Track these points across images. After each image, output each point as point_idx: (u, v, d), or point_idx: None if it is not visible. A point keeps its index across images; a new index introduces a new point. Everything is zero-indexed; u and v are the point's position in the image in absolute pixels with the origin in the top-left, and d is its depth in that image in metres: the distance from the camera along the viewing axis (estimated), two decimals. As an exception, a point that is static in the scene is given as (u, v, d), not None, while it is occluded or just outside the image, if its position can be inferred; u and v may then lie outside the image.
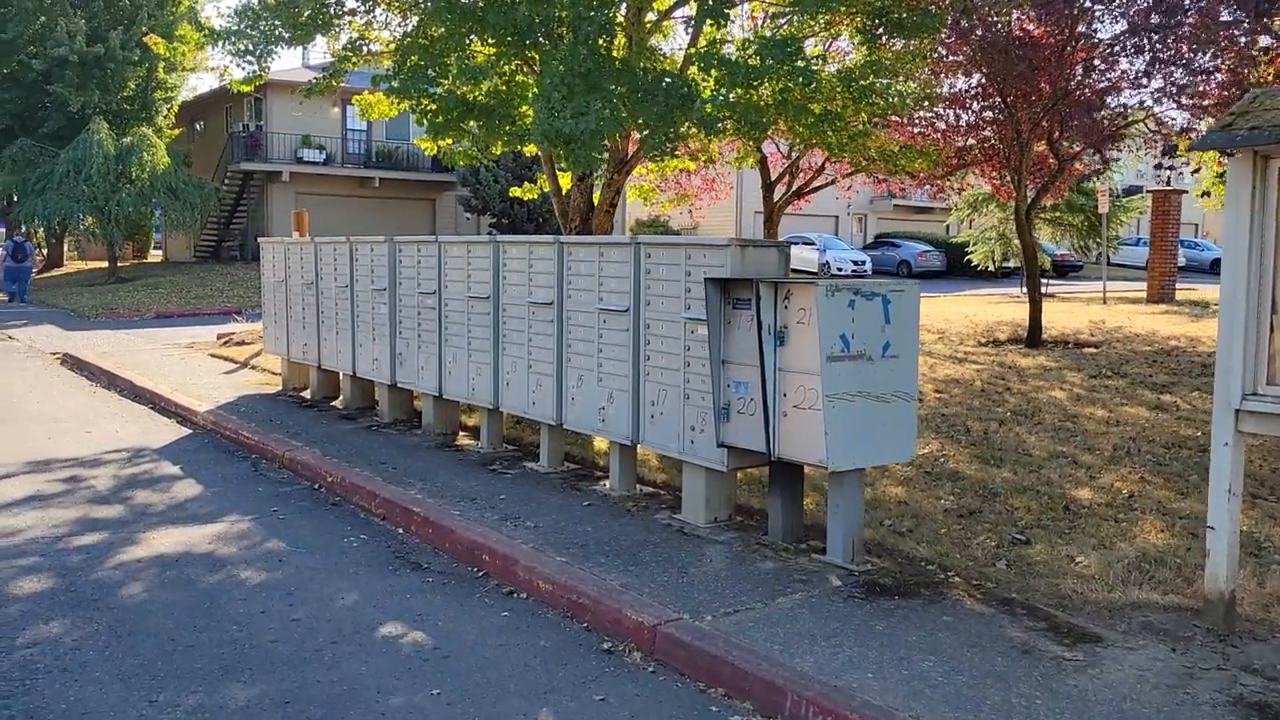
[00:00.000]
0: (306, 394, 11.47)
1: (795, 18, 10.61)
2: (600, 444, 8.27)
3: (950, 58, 13.46)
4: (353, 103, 13.78)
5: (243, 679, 4.44)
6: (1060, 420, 8.62)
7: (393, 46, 12.32)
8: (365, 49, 12.45)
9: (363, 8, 11.74)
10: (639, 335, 6.60)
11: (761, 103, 10.27)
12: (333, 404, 10.91)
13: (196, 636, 4.90)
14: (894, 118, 12.74)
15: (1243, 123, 4.32)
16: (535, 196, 16.06)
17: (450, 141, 13.32)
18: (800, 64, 9.63)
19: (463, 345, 8.49)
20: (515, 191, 16.22)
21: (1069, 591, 5.07)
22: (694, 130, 10.80)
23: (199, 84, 35.31)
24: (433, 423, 9.19)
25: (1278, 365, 4.40)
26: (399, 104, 12.89)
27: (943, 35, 11.64)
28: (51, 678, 4.41)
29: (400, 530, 6.71)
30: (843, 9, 10.47)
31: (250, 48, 11.22)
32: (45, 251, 35.45)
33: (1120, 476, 6.97)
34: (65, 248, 36.40)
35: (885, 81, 10.61)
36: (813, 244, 33.39)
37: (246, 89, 12.48)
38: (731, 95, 10.10)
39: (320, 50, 12.99)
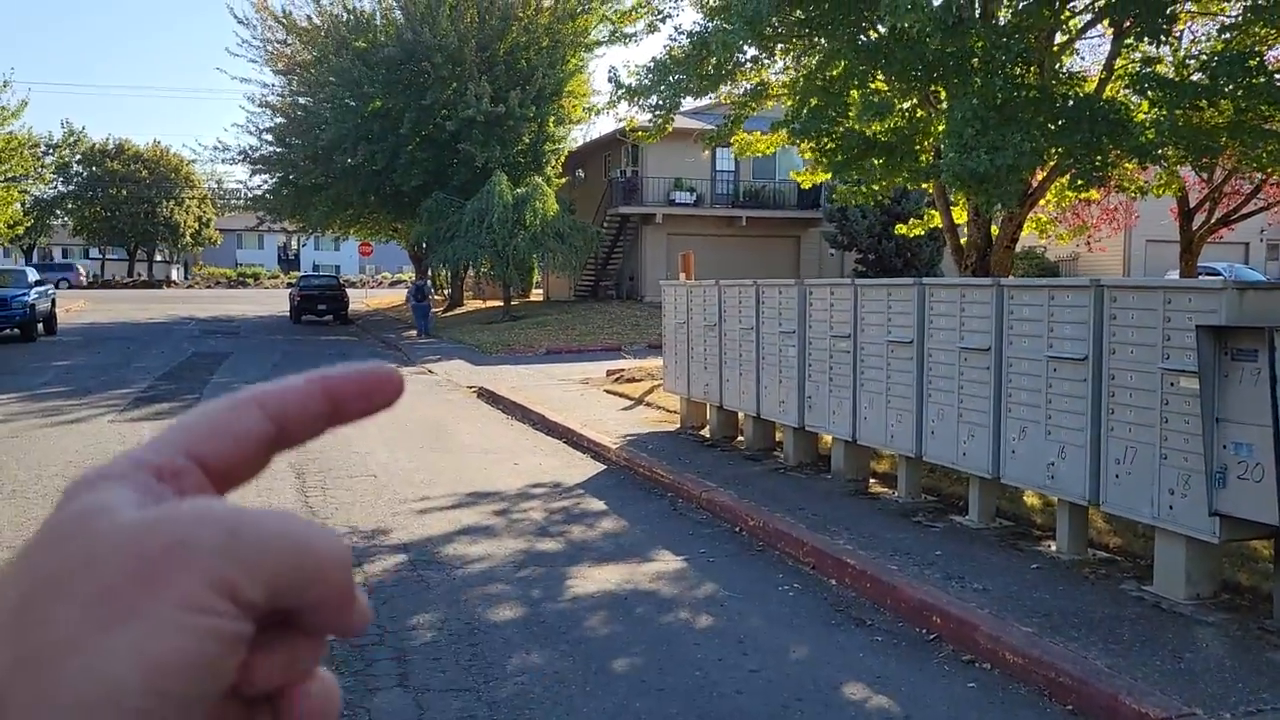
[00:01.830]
0: (705, 432, 11.74)
1: (1251, 28, 9.46)
2: (1033, 499, 7.71)
3: None
4: (730, 144, 14.05)
5: (720, 730, 4.45)
6: None
7: (788, 90, 12.47)
8: (763, 94, 12.69)
9: (764, 55, 11.95)
10: (1101, 386, 6.04)
11: (1208, 125, 9.25)
12: (733, 443, 11.07)
13: (663, 679, 4.99)
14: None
15: None
16: (922, 233, 15.58)
17: (824, 177, 13.27)
18: (1261, 80, 8.57)
19: (880, 391, 8.27)
20: (900, 229, 15.83)
21: None
22: (1122, 158, 9.94)
23: (579, 135, 38.04)
24: (843, 468, 9.02)
25: None
26: (777, 142, 13.03)
27: None
28: (545, 709, 4.64)
29: (832, 582, 6.56)
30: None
31: (659, 101, 11.76)
32: (448, 292, 39.52)
33: None
34: (464, 288, 40.37)
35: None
36: (1218, 274, 29.98)
37: (652, 141, 13.10)
38: (1171, 119, 9.20)
39: (706, 98, 13.34)
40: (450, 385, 17.89)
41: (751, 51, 11.85)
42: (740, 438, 11.10)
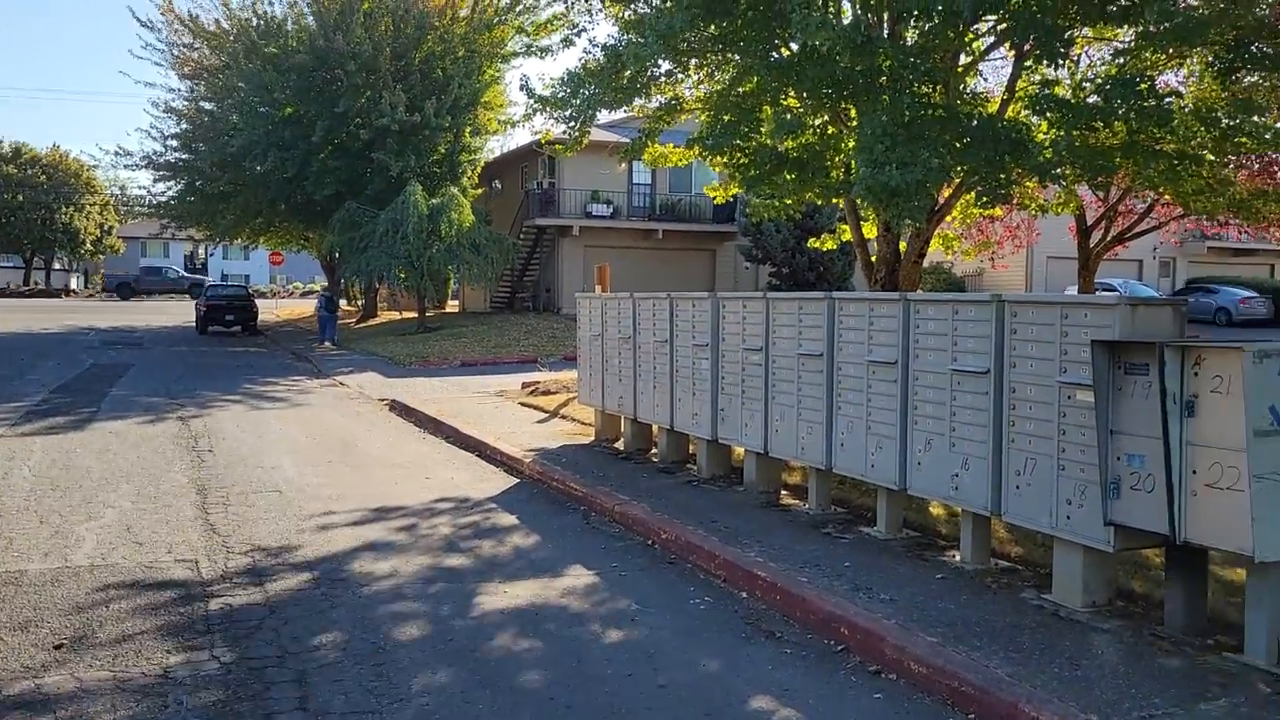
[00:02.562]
0: (619, 445, 11.71)
1: (1142, 53, 9.81)
2: (938, 509, 7.85)
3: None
4: (644, 157, 13.99)
5: (628, 748, 4.41)
6: None
7: (702, 105, 12.55)
8: (677, 108, 12.74)
9: (678, 70, 12.01)
10: (1001, 399, 6.18)
11: (1103, 145, 9.57)
12: (647, 456, 11.06)
13: (573, 697, 4.93)
14: (1232, 158, 11.55)
15: None
16: (834, 247, 15.81)
17: (735, 191, 13.39)
18: (1151, 103, 8.89)
19: (791, 403, 8.34)
20: (813, 243, 16.05)
21: None
22: (1024, 177, 10.22)
23: (495, 146, 37.81)
24: (755, 480, 9.08)
25: None
26: (691, 156, 13.07)
27: None
28: (450, 730, 4.55)
29: (743, 594, 6.58)
30: (1195, 42, 9.60)
31: (573, 114, 11.72)
32: (361, 303, 38.90)
33: None
34: (377, 299, 39.74)
35: (1256, 119, 9.63)
36: (1114, 290, 31.09)
37: (569, 154, 13.06)
38: (1068, 139, 9.48)
39: (620, 110, 13.32)
40: (362, 398, 17.57)
41: (665, 65, 11.89)
42: (654, 450, 11.10)
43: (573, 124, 11.85)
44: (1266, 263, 38.64)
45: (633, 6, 11.75)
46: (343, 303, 42.58)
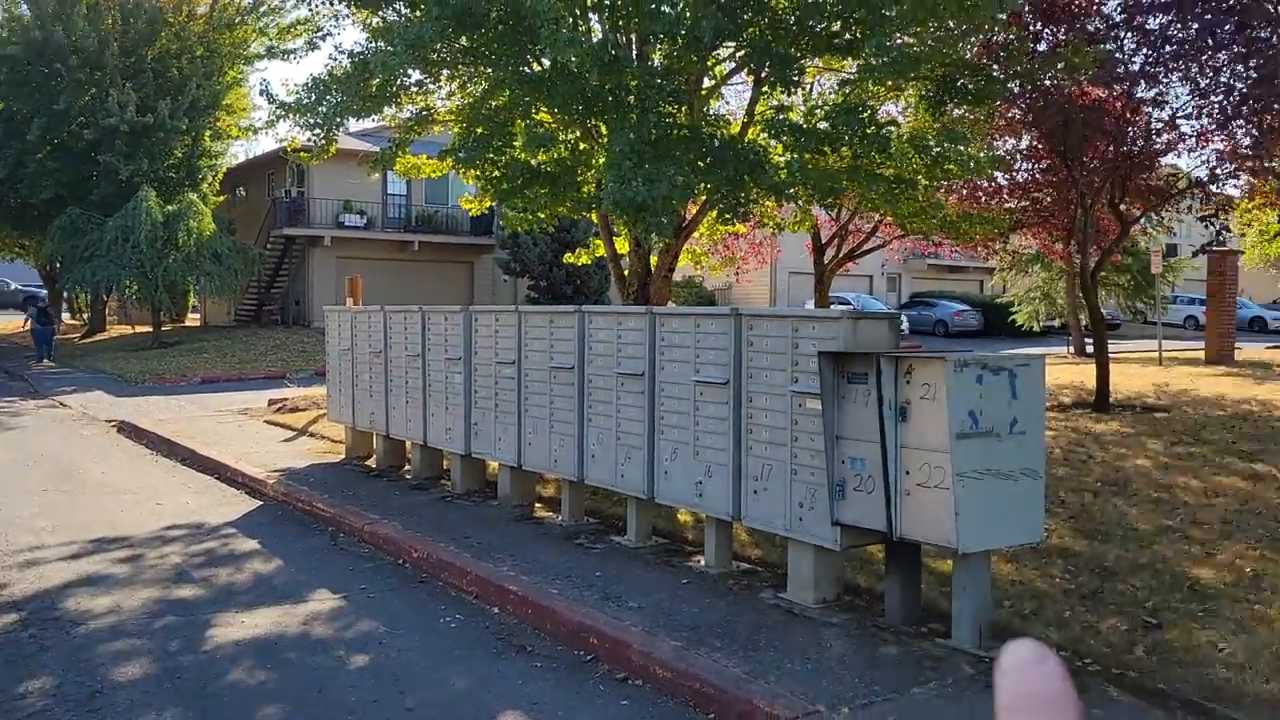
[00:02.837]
0: (371, 463, 11.38)
1: (865, 84, 10.59)
2: (685, 516, 8.11)
3: (998, 120, 13.41)
4: (395, 167, 13.70)
5: (371, 776, 4.28)
6: (1155, 491, 8.39)
7: (455, 117, 12.44)
8: (429, 118, 12.57)
9: (429, 80, 11.85)
10: (740, 408, 6.47)
11: (832, 168, 10.24)
12: (400, 473, 10.81)
13: (313, 728, 4.74)
14: (943, 182, 12.70)
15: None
16: (589, 261, 16.07)
17: (490, 203, 13.40)
18: (872, 130, 9.61)
19: (544, 416, 8.39)
20: (569, 258, 16.24)
21: (1220, 682, 4.83)
22: (762, 196, 10.77)
23: (240, 151, 35.96)
24: (510, 494, 9.06)
25: None
26: (444, 168, 12.95)
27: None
28: (175, 774, 4.26)
29: (495, 609, 6.55)
30: (909, 75, 10.46)
31: (320, 121, 11.33)
32: (87, 316, 35.88)
33: (1237, 553, 6.73)
34: (106, 313, 36.73)
35: (961, 148, 10.60)
36: (849, 304, 33.26)
37: (315, 162, 12.59)
38: (800, 161, 10.08)
39: (370, 119, 13.02)
40: (86, 419, 16.19)
41: (416, 75, 11.69)
42: (408, 467, 10.87)
43: (318, 131, 11.44)
44: (976, 279, 42.56)
45: (381, 14, 11.49)
46: (66, 316, 39.16)
